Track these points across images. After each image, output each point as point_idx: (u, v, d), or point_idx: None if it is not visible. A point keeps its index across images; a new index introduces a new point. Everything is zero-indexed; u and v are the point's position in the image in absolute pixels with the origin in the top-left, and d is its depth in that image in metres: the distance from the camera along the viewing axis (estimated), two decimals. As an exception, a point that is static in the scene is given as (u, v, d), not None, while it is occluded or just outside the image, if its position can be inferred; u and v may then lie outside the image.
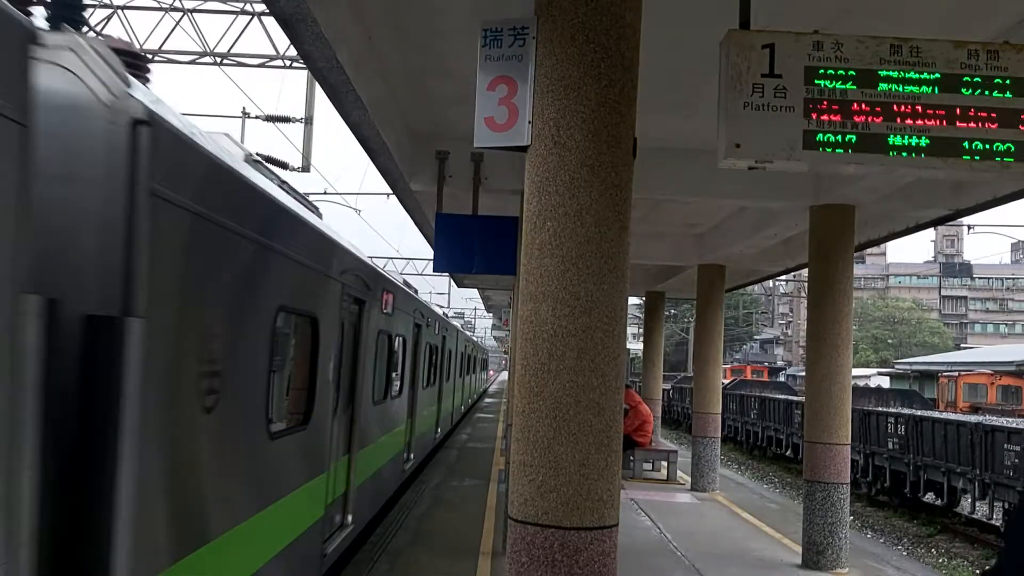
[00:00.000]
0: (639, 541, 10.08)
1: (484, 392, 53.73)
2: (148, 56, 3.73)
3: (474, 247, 8.87)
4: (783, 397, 27.83)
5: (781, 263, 15.02)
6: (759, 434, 27.92)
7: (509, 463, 4.41)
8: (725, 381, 27.84)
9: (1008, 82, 4.20)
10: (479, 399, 44.84)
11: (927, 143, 4.10)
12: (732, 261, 14.62)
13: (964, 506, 16.80)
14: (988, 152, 4.11)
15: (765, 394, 29.96)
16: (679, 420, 36.58)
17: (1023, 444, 13.73)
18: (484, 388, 55.64)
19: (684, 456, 16.75)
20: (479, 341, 54.54)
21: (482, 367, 49.91)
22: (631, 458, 15.36)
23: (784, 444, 25.31)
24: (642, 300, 24.37)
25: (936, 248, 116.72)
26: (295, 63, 13.61)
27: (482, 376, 50.87)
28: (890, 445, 18.55)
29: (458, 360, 24.79)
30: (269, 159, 7.92)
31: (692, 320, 31.94)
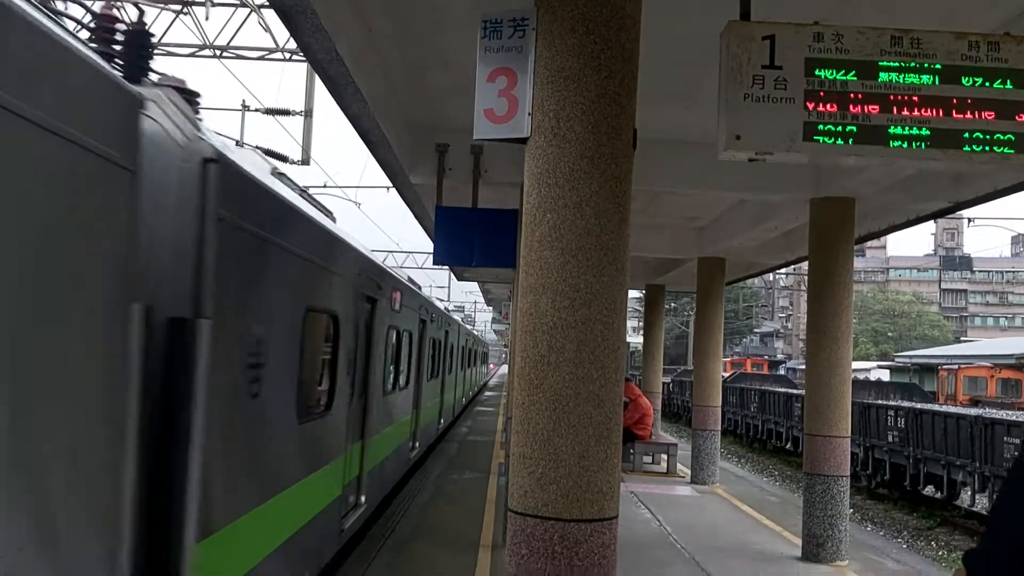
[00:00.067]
0: (639, 534, 10.09)
1: (484, 385, 53.81)
2: (198, 94, 4.64)
3: (474, 240, 8.87)
4: (783, 390, 27.83)
5: (781, 256, 15.01)
6: (759, 427, 27.94)
7: (509, 456, 4.42)
8: (725, 374, 27.86)
9: (1009, 74, 4.19)
10: (479, 392, 44.91)
11: (927, 135, 4.09)
12: (732, 254, 14.62)
13: (964, 499, 16.83)
14: (988, 143, 4.11)
15: (765, 387, 29.96)
16: (679, 413, 36.60)
17: (1023, 437, 13.74)
18: (484, 381, 55.79)
19: (684, 449, 16.77)
20: (479, 335, 54.63)
21: (482, 361, 50.19)
22: (631, 451, 15.38)
23: (784, 437, 25.33)
24: (642, 293, 24.38)
25: (936, 241, 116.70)
26: (295, 56, 13.59)
27: (482, 370, 51.13)
28: (890, 438, 18.55)
29: (459, 354, 25.52)
30: (269, 152, 7.91)
31: (692, 313, 31.96)
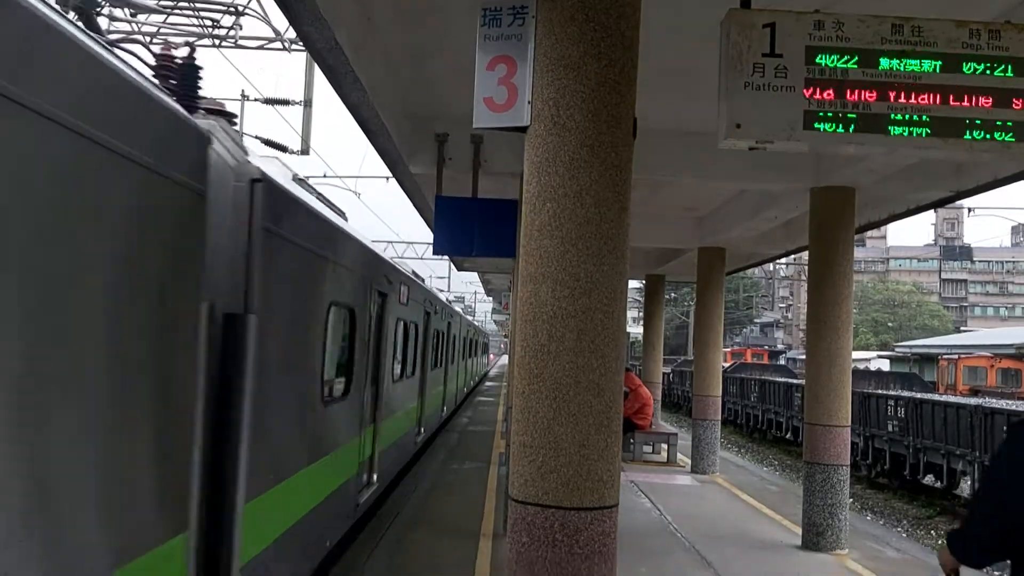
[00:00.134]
0: (639, 522, 10.12)
1: (485, 375, 53.92)
2: (234, 115, 5.37)
3: (474, 230, 8.86)
4: (783, 380, 27.86)
5: (781, 246, 14.99)
6: (759, 417, 27.99)
7: (510, 445, 4.43)
8: (725, 364, 27.88)
9: (1010, 62, 4.18)
10: (480, 382, 45.00)
11: (928, 123, 4.09)
12: (732, 244, 14.61)
13: (963, 488, 16.85)
14: (989, 132, 4.10)
15: (765, 377, 30.00)
16: (679, 403, 36.65)
17: (1006, 426, 13.76)
18: (485, 372, 55.94)
19: (684, 439, 16.80)
20: (479, 325, 54.73)
21: (483, 351, 50.35)
22: (631, 441, 15.41)
23: (784, 427, 25.37)
24: (642, 283, 24.38)
25: (936, 231, 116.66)
26: (294, 45, 13.54)
27: (483, 360, 51.30)
28: (890, 428, 18.59)
29: (461, 344, 26.20)
30: (269, 142, 7.91)
31: (692, 303, 31.96)
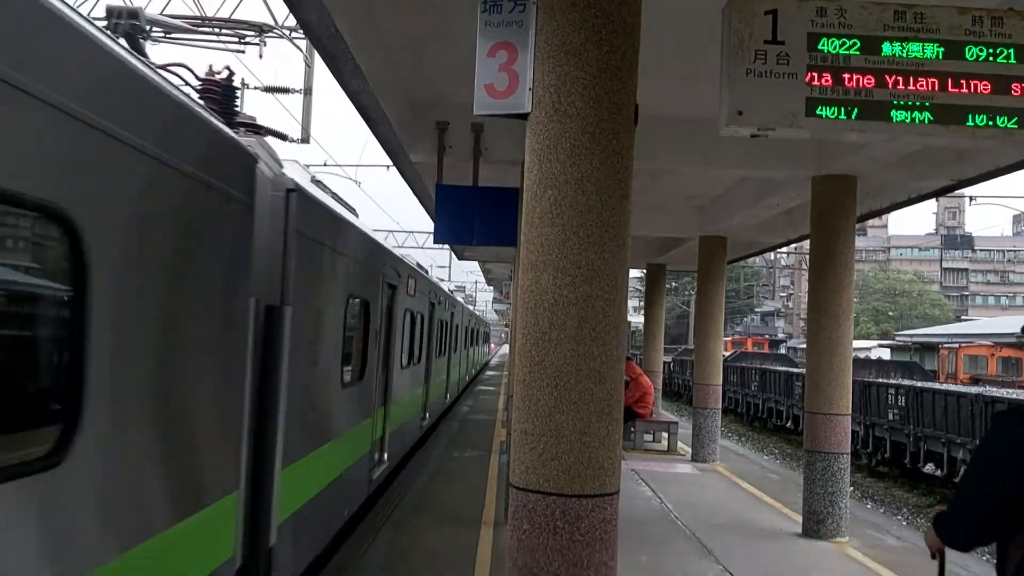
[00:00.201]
0: (640, 510, 10.14)
1: (486, 365, 54.04)
2: (262, 127, 6.25)
3: (475, 218, 8.85)
4: (783, 369, 27.90)
5: (783, 234, 14.98)
6: (759, 406, 28.04)
7: (511, 434, 4.43)
8: (726, 353, 27.91)
9: (1012, 49, 4.17)
10: (481, 371, 45.10)
11: (930, 110, 4.07)
12: (733, 233, 14.59)
13: (963, 476, 16.87)
14: (991, 119, 4.09)
15: (766, 366, 30.05)
16: (680, 392, 36.71)
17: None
18: (486, 361, 56.12)
19: (685, 428, 16.84)
20: (481, 315, 54.82)
21: (484, 340, 50.53)
22: (632, 429, 15.44)
23: (784, 415, 25.42)
24: (643, 272, 24.38)
25: (938, 220, 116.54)
26: (294, 33, 13.49)
27: (484, 349, 51.51)
28: (890, 416, 18.62)
29: (464, 334, 27.07)
30: (269, 131, 7.88)
31: (693, 293, 31.96)
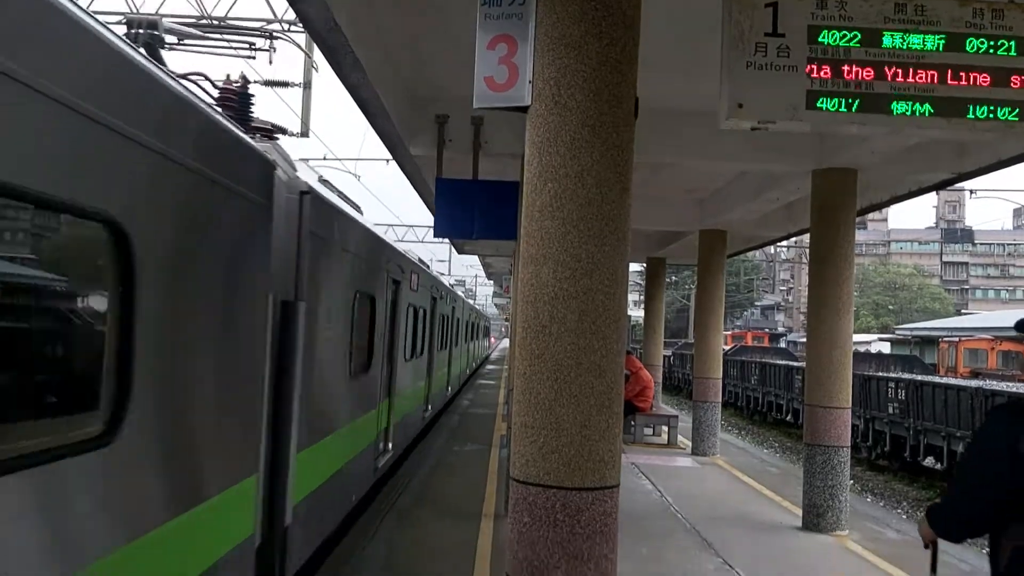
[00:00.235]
0: (640, 504, 10.16)
1: (486, 359, 54.14)
2: (274, 131, 6.61)
3: (475, 212, 8.84)
4: (783, 363, 27.92)
5: (783, 228, 14.98)
6: (759, 399, 28.06)
7: (511, 427, 4.43)
8: (726, 347, 27.92)
9: (1013, 41, 4.16)
10: (481, 365, 45.16)
11: (930, 102, 4.07)
12: (733, 226, 14.59)
13: (963, 469, 16.87)
14: (992, 111, 4.08)
15: (766, 360, 30.06)
16: (680, 386, 36.74)
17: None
18: (487, 355, 56.28)
19: (685, 421, 16.84)
20: (481, 309, 54.92)
21: (484, 334, 50.70)
22: (632, 423, 15.45)
23: (784, 409, 25.43)
24: (643, 266, 24.38)
25: (938, 214, 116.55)
26: (293, 27, 13.46)
27: (484, 343, 51.69)
28: (890, 410, 18.63)
29: (464, 328, 27.50)
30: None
31: (693, 286, 31.96)
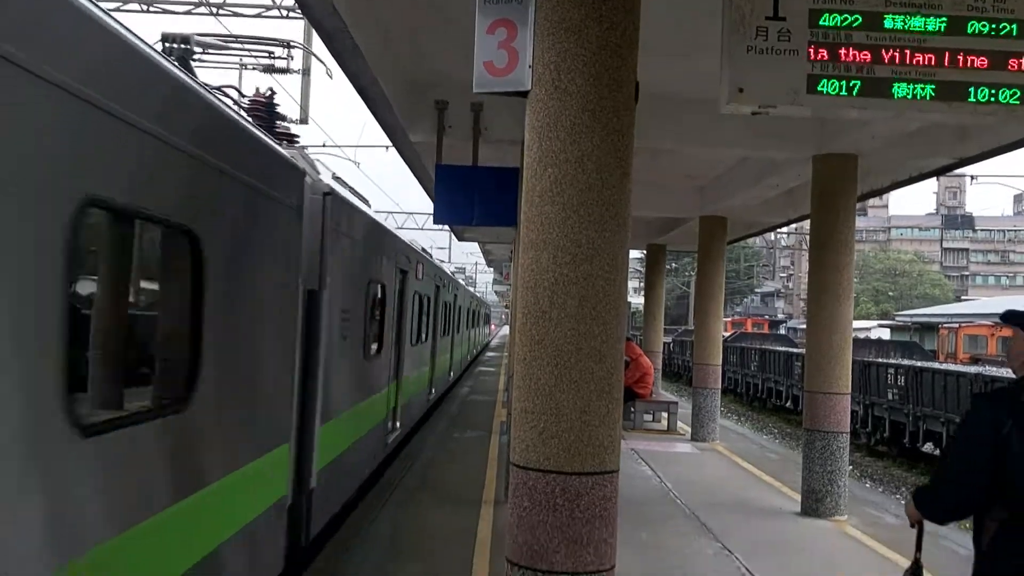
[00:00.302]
0: (640, 489, 10.19)
1: (487, 345, 54.32)
2: (296, 136, 7.37)
3: (474, 198, 8.82)
4: (783, 349, 27.94)
5: (783, 214, 14.95)
6: (759, 386, 28.10)
7: (511, 414, 4.44)
8: (726, 334, 27.93)
9: (1014, 24, 4.14)
10: (482, 352, 45.29)
11: (932, 86, 4.05)
12: (734, 213, 14.57)
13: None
14: (993, 94, 4.06)
15: (765, 346, 30.08)
16: (679, 373, 36.78)
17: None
18: (487, 342, 56.56)
19: (684, 408, 16.87)
20: (481, 296, 55.06)
21: (485, 321, 50.96)
22: (632, 409, 15.48)
23: (784, 396, 25.48)
24: (643, 253, 24.37)
25: (938, 200, 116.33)
26: (292, 13, 13.42)
27: (485, 330, 51.99)
28: (890, 396, 18.66)
29: (466, 315, 28.35)
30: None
31: (693, 273, 31.95)
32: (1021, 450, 2.94)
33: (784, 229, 45.56)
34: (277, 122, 7.03)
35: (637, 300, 43.67)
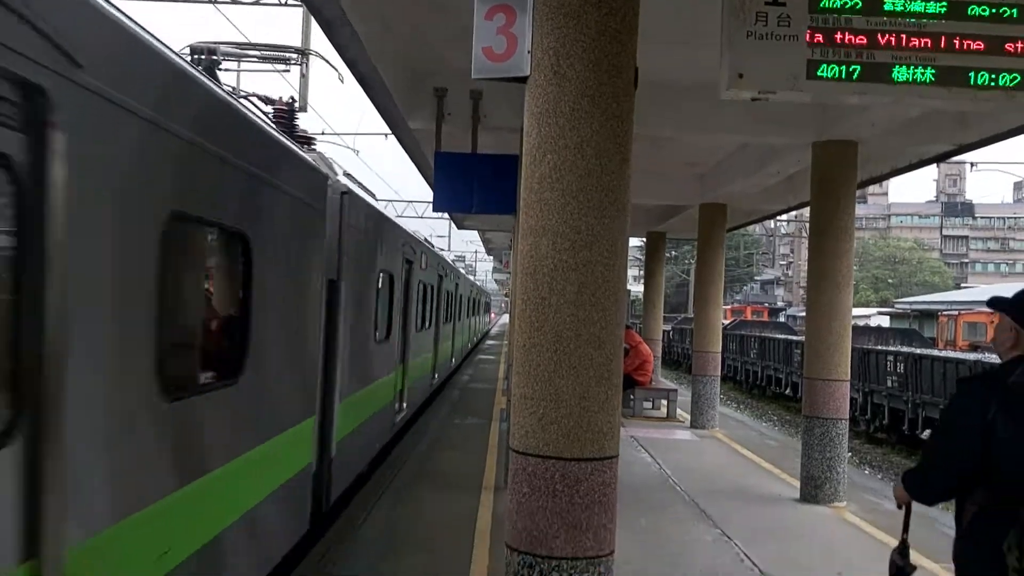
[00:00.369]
0: (639, 476, 10.21)
1: (487, 333, 54.43)
2: (314, 139, 7.73)
3: (474, 185, 8.80)
4: (783, 337, 27.97)
5: (783, 201, 14.93)
6: (758, 373, 28.15)
7: (511, 400, 4.45)
8: (725, 322, 27.95)
9: (1015, 10, 4.12)
10: (482, 340, 45.37)
11: (932, 71, 4.04)
12: (734, 200, 14.56)
13: (961, 442, 16.93)
14: (993, 78, 4.05)
15: (765, 334, 30.11)
16: (679, 361, 36.83)
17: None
18: (487, 330, 56.76)
19: (684, 395, 16.89)
20: (481, 284, 55.15)
21: (485, 309, 51.13)
22: (631, 397, 15.50)
23: (783, 383, 25.52)
24: (643, 241, 24.36)
25: (938, 187, 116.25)
26: (290, 0, 13.36)
27: (485, 318, 52.19)
28: (889, 383, 18.69)
29: (466, 303, 28.85)
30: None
31: (693, 262, 31.95)
32: (1006, 435, 2.95)
33: (784, 216, 45.57)
34: (297, 126, 7.53)
35: (637, 288, 43.70)
